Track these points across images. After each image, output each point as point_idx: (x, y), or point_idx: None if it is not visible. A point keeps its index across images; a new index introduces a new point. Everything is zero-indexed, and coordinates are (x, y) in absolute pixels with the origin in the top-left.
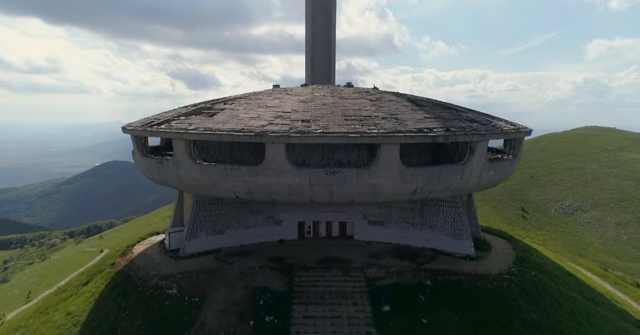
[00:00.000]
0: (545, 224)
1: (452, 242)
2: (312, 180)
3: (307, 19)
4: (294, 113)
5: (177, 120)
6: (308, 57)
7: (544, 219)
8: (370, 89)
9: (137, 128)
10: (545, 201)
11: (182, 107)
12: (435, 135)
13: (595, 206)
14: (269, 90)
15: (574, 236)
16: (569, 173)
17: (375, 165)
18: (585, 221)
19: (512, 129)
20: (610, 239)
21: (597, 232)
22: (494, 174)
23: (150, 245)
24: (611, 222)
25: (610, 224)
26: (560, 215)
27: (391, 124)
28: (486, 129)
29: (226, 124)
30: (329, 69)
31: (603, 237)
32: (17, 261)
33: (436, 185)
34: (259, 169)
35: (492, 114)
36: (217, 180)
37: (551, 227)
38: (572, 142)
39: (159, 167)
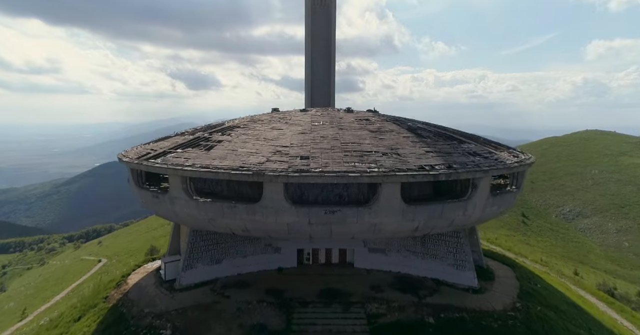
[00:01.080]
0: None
1: (454, 272)
2: (311, 219)
3: (307, 20)
4: (292, 148)
5: (173, 153)
6: (308, 58)
7: (544, 224)
8: (370, 115)
9: (132, 160)
10: (546, 206)
11: (179, 134)
12: (437, 174)
13: (596, 212)
14: (268, 116)
15: (575, 243)
16: (570, 178)
17: (375, 204)
18: (586, 227)
19: (515, 162)
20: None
21: (598, 238)
22: (498, 208)
23: (145, 273)
24: (612, 228)
25: (611, 230)
26: (560, 221)
27: (392, 161)
28: (489, 164)
29: (223, 160)
30: (328, 69)
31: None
32: (15, 266)
33: (438, 222)
34: (257, 207)
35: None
36: (213, 216)
37: (552, 233)
38: (573, 146)
39: (154, 200)
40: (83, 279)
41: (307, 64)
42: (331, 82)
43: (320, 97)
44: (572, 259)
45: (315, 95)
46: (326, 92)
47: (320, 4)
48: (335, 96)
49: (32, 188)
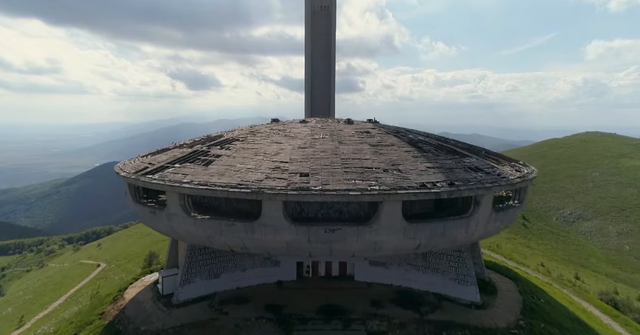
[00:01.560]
0: (547, 232)
1: (456, 287)
2: (310, 237)
3: (307, 24)
4: (292, 163)
5: (171, 168)
6: (308, 61)
7: (545, 227)
8: (370, 126)
9: (130, 175)
10: (546, 209)
11: (177, 146)
12: (439, 192)
13: (596, 215)
14: (268, 127)
15: (576, 246)
16: (570, 180)
17: (376, 222)
18: (586, 230)
19: (517, 177)
20: (612, 249)
21: (599, 241)
22: (500, 224)
23: (143, 287)
24: (613, 231)
25: (612, 233)
26: (561, 224)
27: (393, 178)
28: (491, 180)
29: (222, 177)
30: (328, 71)
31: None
32: (14, 268)
33: (440, 240)
34: (255, 225)
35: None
36: (211, 234)
37: (552, 236)
38: (573, 148)
39: (151, 216)
40: (81, 285)
41: (307, 67)
42: (331, 83)
43: (320, 98)
44: (573, 262)
45: (316, 95)
46: (326, 92)
47: (320, 8)
48: (335, 96)
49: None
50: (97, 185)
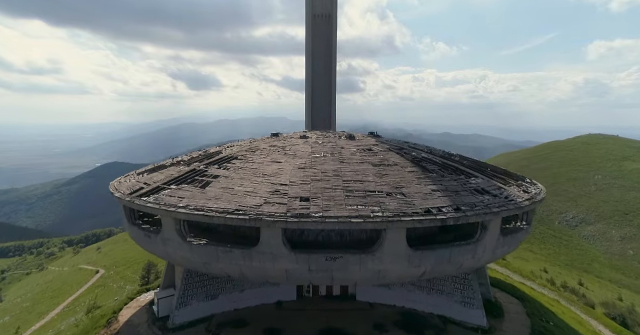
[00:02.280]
0: (549, 236)
1: (461, 310)
2: (311, 266)
3: (307, 31)
4: (292, 186)
5: (167, 190)
6: (308, 64)
7: (547, 231)
8: (372, 143)
9: (124, 197)
10: (549, 213)
11: (174, 164)
12: (445, 218)
13: (599, 219)
14: (267, 143)
15: (579, 250)
16: (573, 183)
17: (379, 250)
18: (589, 234)
19: (525, 199)
20: (616, 253)
21: (602, 246)
22: (508, 248)
23: (138, 308)
24: (616, 235)
25: (615, 237)
26: (564, 228)
27: (396, 203)
28: (499, 204)
29: (219, 201)
30: (329, 74)
31: (608, 252)
32: (14, 271)
33: (446, 266)
34: (253, 253)
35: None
36: (207, 260)
37: (555, 240)
38: (575, 151)
39: (145, 239)
40: (79, 293)
41: (307, 73)
42: (332, 86)
43: (321, 97)
44: (576, 267)
45: (317, 96)
46: (327, 93)
47: (321, 16)
48: (336, 97)
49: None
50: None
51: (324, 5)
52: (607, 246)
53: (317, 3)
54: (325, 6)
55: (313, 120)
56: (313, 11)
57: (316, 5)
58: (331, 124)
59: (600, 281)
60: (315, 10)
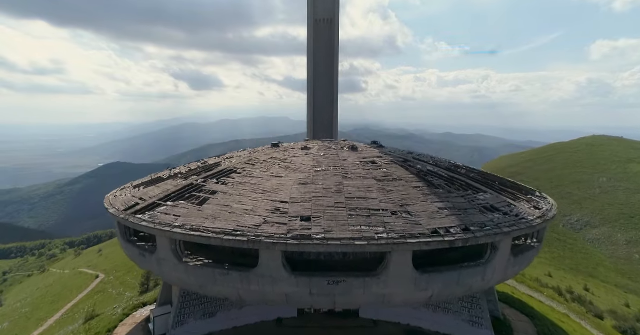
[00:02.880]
0: (554, 240)
1: (469, 329)
2: (312, 290)
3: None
4: (293, 204)
5: (163, 207)
6: (310, 70)
7: (551, 234)
8: (375, 154)
9: (119, 214)
10: None
11: (172, 177)
12: (453, 240)
13: (604, 222)
14: (268, 155)
15: (584, 254)
16: (577, 186)
17: (384, 274)
18: (594, 238)
19: (537, 217)
20: (622, 258)
21: (608, 250)
22: (519, 269)
23: (134, 325)
24: (622, 239)
25: (620, 241)
26: (568, 231)
27: (402, 223)
28: (510, 223)
29: (216, 220)
30: (331, 74)
31: (614, 256)
32: (16, 273)
33: (455, 289)
34: (252, 276)
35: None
36: (204, 283)
37: (560, 243)
38: (580, 153)
39: (140, 258)
40: (79, 299)
41: (309, 80)
42: (334, 88)
43: (323, 100)
44: (582, 272)
45: (318, 97)
46: (329, 95)
47: (323, 21)
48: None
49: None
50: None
51: (326, 10)
52: (613, 250)
53: (319, 8)
54: (327, 11)
55: (315, 123)
56: (315, 16)
57: (318, 11)
58: (333, 125)
59: (607, 286)
60: (318, 15)
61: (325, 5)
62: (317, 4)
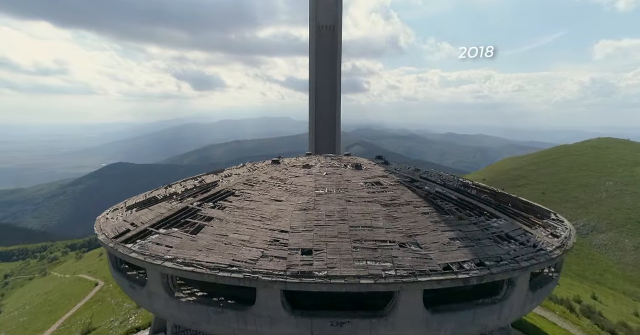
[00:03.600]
0: None
1: None
2: (314, 331)
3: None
4: (293, 234)
5: (155, 235)
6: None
7: None
8: (380, 172)
9: (108, 242)
10: None
11: (167, 197)
12: (468, 278)
13: (611, 227)
14: (267, 174)
15: (590, 260)
16: (583, 190)
17: (392, 314)
18: (601, 243)
19: (556, 247)
20: (630, 264)
21: (615, 255)
22: (537, 303)
23: None
24: (629, 245)
25: (628, 247)
26: None
27: (411, 257)
28: (527, 256)
29: (211, 253)
30: (334, 81)
31: (621, 262)
32: (17, 276)
33: (469, 329)
34: (248, 315)
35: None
36: (197, 320)
37: None
38: (585, 156)
39: (131, 291)
40: (77, 308)
41: (311, 85)
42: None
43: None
44: (588, 279)
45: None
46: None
47: (325, 27)
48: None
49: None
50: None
51: (329, 16)
52: (620, 256)
53: (322, 14)
54: (329, 17)
55: (317, 131)
56: (317, 22)
57: (320, 17)
58: (335, 131)
59: (614, 294)
60: (320, 21)
61: (328, 12)
62: (319, 10)
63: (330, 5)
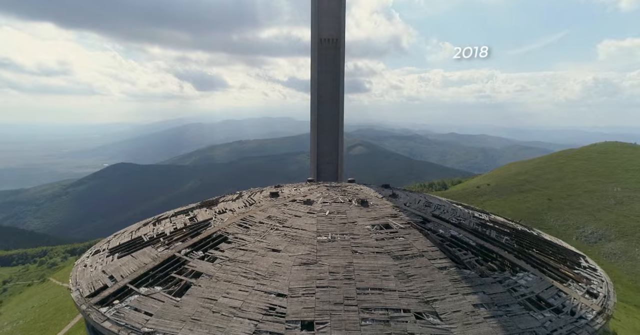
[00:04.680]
0: None
1: None
2: None
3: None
4: (291, 301)
5: (135, 296)
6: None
7: None
8: (388, 211)
9: (81, 301)
10: (565, 227)
11: (152, 240)
12: None
13: (621, 235)
14: (265, 213)
15: None
16: (590, 196)
17: None
18: (610, 252)
19: (597, 312)
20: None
21: (625, 265)
22: None
23: None
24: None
25: (638, 256)
26: (582, 244)
27: (430, 333)
28: (567, 330)
29: (196, 324)
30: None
31: (632, 272)
32: (16, 282)
33: None
34: None
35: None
36: None
37: None
38: (592, 161)
39: None
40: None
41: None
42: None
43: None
44: None
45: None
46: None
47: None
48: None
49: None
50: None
51: (332, 29)
52: (631, 266)
53: (325, 27)
54: (333, 30)
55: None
56: (320, 35)
57: (323, 30)
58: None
59: (626, 307)
60: (323, 34)
61: (331, 25)
62: (322, 23)
63: (333, 19)
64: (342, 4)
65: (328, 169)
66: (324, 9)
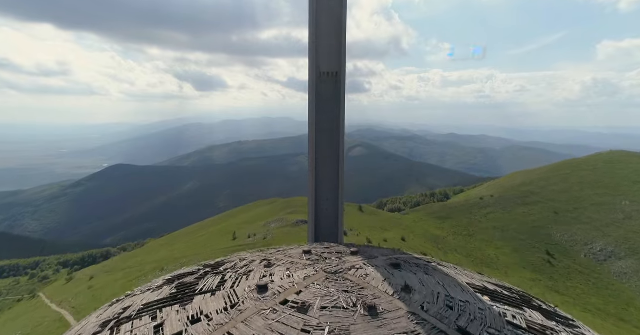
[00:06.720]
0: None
1: None
2: None
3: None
4: None
5: None
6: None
7: (572, 265)
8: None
9: None
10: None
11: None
12: None
13: (631, 253)
14: (247, 317)
15: (610, 290)
16: (597, 209)
17: None
18: (621, 271)
19: None
20: None
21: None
22: None
23: None
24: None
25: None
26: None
27: None
28: None
29: None
30: (338, 119)
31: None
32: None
33: None
34: None
35: None
36: None
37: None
38: (598, 171)
39: None
40: None
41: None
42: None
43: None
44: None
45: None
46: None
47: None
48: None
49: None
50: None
51: (332, 63)
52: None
53: (324, 61)
54: (333, 64)
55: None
56: (319, 68)
57: (323, 63)
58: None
59: None
60: (322, 68)
61: (331, 58)
62: (322, 56)
63: (334, 52)
64: (342, 42)
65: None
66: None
